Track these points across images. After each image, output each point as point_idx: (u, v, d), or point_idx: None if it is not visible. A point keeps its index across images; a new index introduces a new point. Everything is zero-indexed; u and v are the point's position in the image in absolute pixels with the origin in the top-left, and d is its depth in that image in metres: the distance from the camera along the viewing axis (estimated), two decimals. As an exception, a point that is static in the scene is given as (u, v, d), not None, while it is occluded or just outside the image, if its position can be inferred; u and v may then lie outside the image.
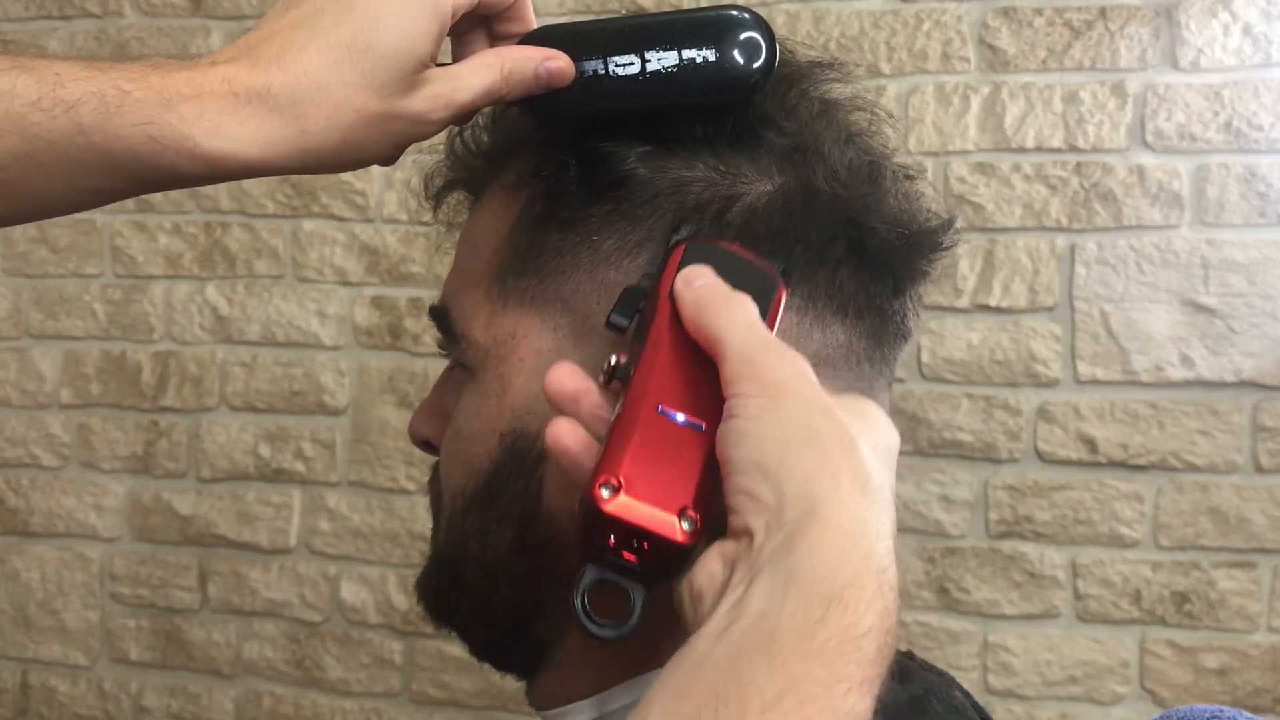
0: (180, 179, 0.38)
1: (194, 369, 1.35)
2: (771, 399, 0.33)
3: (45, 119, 0.35)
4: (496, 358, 0.44)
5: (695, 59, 0.42)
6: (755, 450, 0.32)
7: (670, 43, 0.42)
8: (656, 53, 0.42)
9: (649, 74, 0.42)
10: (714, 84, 0.42)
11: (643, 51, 0.42)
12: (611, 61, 0.42)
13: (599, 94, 0.43)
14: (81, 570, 1.37)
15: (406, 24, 0.39)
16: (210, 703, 1.33)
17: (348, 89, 0.38)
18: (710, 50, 0.42)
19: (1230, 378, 1.16)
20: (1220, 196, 1.17)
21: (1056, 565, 1.18)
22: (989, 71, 1.22)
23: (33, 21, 1.41)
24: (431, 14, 0.39)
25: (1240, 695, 1.15)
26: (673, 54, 0.42)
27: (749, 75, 0.42)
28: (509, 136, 0.48)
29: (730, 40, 0.42)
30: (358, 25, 0.38)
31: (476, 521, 0.44)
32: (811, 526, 0.30)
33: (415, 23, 0.39)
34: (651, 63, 0.42)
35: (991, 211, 1.21)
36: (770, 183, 0.43)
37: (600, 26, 0.44)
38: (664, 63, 0.42)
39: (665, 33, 0.42)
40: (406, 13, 0.39)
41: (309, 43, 0.38)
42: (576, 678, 0.44)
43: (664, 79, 0.42)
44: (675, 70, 0.42)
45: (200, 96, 0.36)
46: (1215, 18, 1.17)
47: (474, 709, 1.28)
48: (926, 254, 0.47)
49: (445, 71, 0.41)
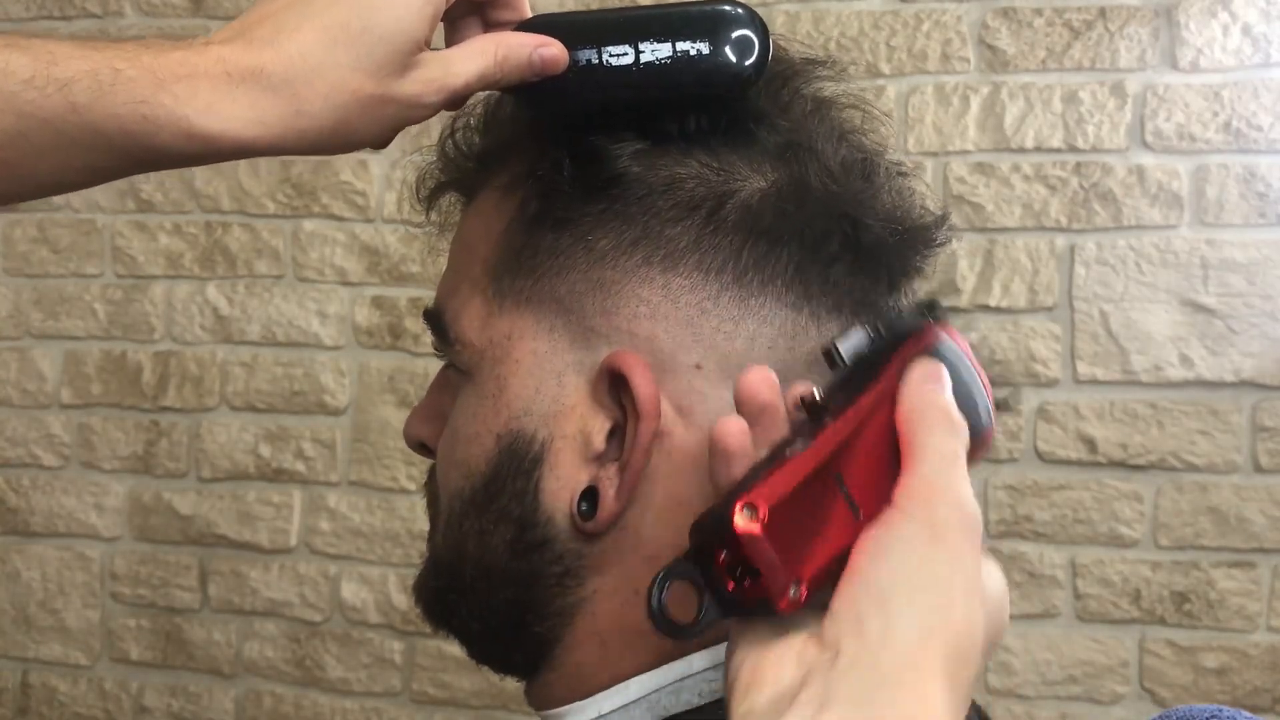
0: (175, 158, 0.38)
1: (194, 369, 1.35)
2: (930, 537, 0.31)
3: (39, 97, 0.35)
4: (492, 360, 0.44)
5: (689, 51, 0.42)
6: (887, 575, 0.31)
7: (664, 34, 0.42)
8: (650, 44, 0.42)
9: (642, 65, 0.42)
10: (707, 77, 0.42)
11: (637, 42, 0.42)
12: (605, 51, 0.43)
13: (592, 83, 0.43)
14: (82, 570, 1.38)
15: (401, 7, 0.39)
16: (211, 702, 1.34)
17: (342, 70, 0.38)
18: (704, 44, 0.42)
19: (1230, 378, 1.16)
20: (1220, 196, 1.17)
21: (1056, 565, 1.18)
22: (989, 72, 1.22)
23: (33, 22, 1.41)
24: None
25: (1239, 695, 1.15)
26: (666, 46, 0.42)
27: (741, 70, 0.42)
28: (501, 138, 0.48)
29: (724, 34, 0.42)
30: (353, 7, 0.38)
31: (474, 523, 0.44)
32: (900, 690, 0.29)
33: (410, 6, 0.39)
34: (645, 53, 0.42)
35: (991, 211, 1.21)
36: (764, 179, 0.43)
37: (595, 17, 0.44)
38: (657, 54, 0.42)
39: (659, 24, 0.42)
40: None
41: (304, 23, 0.38)
42: (575, 678, 0.44)
43: (657, 70, 0.42)
44: (668, 62, 0.42)
45: (194, 76, 0.36)
46: (1215, 18, 1.17)
47: (474, 708, 1.28)
48: (921, 250, 0.47)
49: (439, 56, 0.41)
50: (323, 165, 1.33)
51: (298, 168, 1.33)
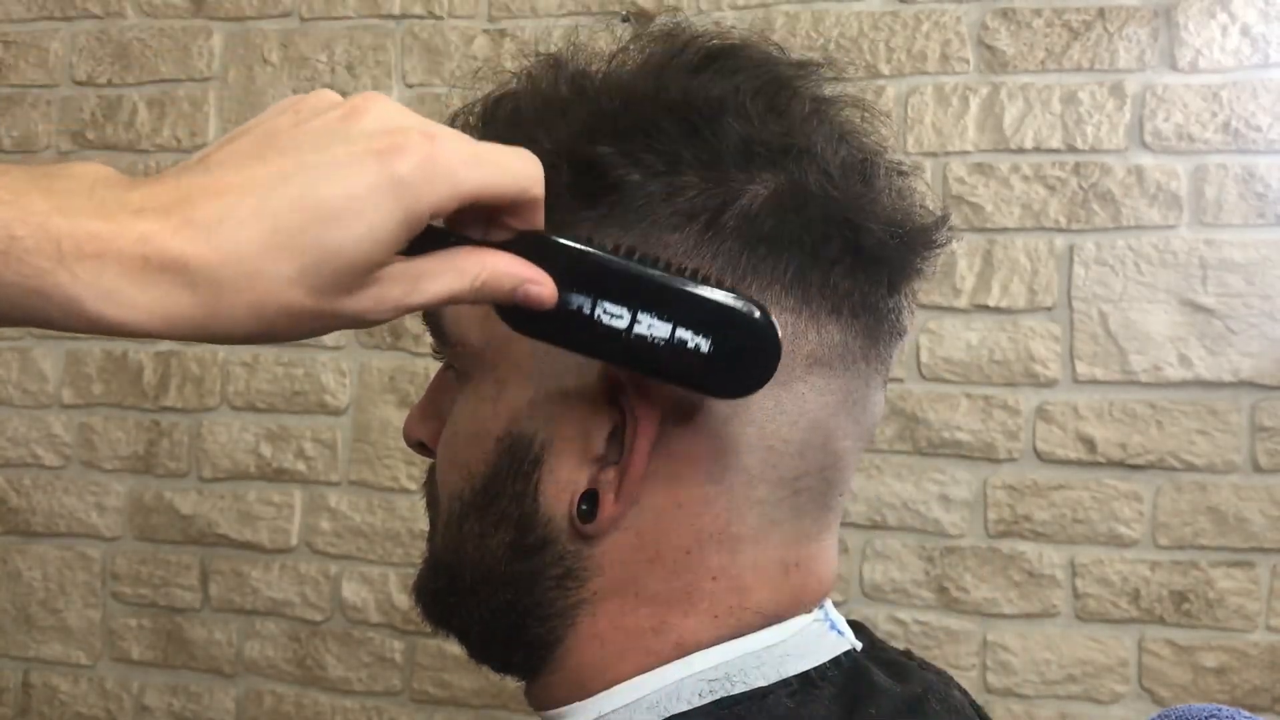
0: (62, 329, 0.33)
1: (195, 369, 1.36)
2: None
3: None
4: (491, 361, 0.44)
5: (687, 343, 0.38)
6: None
7: (669, 314, 0.38)
8: (651, 317, 0.37)
9: (634, 336, 0.38)
10: (693, 376, 0.38)
11: (638, 310, 0.37)
12: (601, 305, 0.38)
13: (573, 331, 0.38)
14: (83, 569, 1.38)
15: (367, 227, 0.32)
16: (211, 702, 1.34)
17: (279, 282, 0.32)
18: (706, 340, 0.38)
19: (1229, 377, 1.16)
20: (1218, 197, 1.17)
21: (1055, 564, 1.19)
22: (988, 72, 1.22)
23: (35, 22, 1.41)
24: (401, 219, 0.33)
25: (1239, 694, 1.15)
26: (666, 327, 0.37)
27: (734, 387, 0.38)
28: (500, 140, 0.48)
29: (732, 340, 0.38)
30: (314, 214, 0.32)
31: (474, 525, 0.45)
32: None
33: (381, 227, 0.33)
34: (641, 325, 0.37)
35: (990, 212, 1.21)
36: (764, 187, 0.43)
37: (603, 262, 0.38)
38: (654, 332, 0.37)
39: (669, 299, 0.38)
40: (372, 213, 0.32)
41: (252, 218, 0.32)
42: (576, 679, 0.45)
43: (647, 348, 0.38)
44: (661, 345, 0.37)
45: (104, 256, 0.31)
46: (1214, 18, 1.18)
47: (474, 708, 1.28)
48: (921, 252, 0.47)
49: (406, 270, 0.35)
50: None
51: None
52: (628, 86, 0.45)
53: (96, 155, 1.38)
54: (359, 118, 0.34)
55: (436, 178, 0.33)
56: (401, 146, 0.33)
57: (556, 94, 0.47)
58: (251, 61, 1.35)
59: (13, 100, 1.41)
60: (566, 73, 0.47)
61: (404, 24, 1.32)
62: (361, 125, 0.34)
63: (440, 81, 1.31)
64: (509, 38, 1.30)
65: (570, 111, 0.45)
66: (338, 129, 0.34)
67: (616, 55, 0.48)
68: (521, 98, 0.48)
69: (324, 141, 0.33)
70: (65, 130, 1.40)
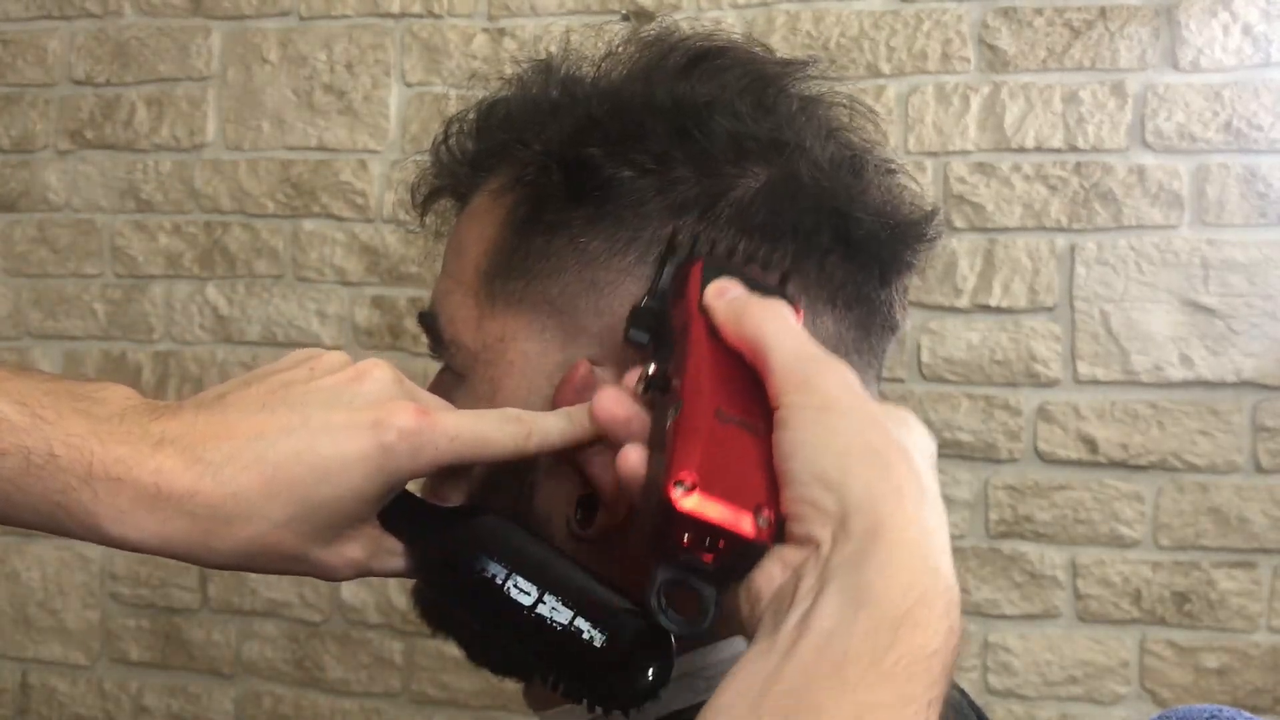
0: (72, 538, 0.37)
1: (194, 369, 1.35)
2: (823, 410, 0.32)
3: None
4: (486, 361, 0.44)
5: (582, 634, 0.37)
6: (813, 462, 0.32)
7: (574, 603, 0.37)
8: (555, 602, 0.37)
9: (535, 615, 0.37)
10: (583, 670, 0.37)
11: (544, 591, 0.38)
12: (514, 579, 0.38)
13: (479, 598, 0.39)
14: (81, 570, 1.38)
15: (351, 486, 0.37)
16: (210, 703, 1.34)
17: (270, 524, 0.36)
18: (601, 635, 0.37)
19: (1230, 378, 1.16)
20: (1220, 196, 1.17)
21: (1056, 565, 1.18)
22: (989, 71, 1.21)
23: (33, 21, 1.41)
24: (383, 483, 0.37)
25: (1240, 695, 1.15)
26: (567, 614, 0.37)
27: (617, 695, 0.37)
28: (493, 143, 0.48)
29: (627, 643, 0.37)
30: (310, 467, 0.36)
31: (472, 528, 0.45)
32: (880, 542, 0.30)
33: (364, 487, 0.37)
34: (544, 607, 0.37)
35: (991, 211, 1.21)
36: (755, 178, 0.43)
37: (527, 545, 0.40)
38: (555, 616, 0.37)
39: (577, 591, 0.38)
40: (359, 474, 0.37)
41: (256, 465, 0.36)
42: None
43: (545, 628, 0.37)
44: (559, 630, 0.37)
45: (123, 481, 0.35)
46: (1215, 18, 1.17)
47: (474, 709, 1.28)
48: (912, 244, 0.47)
49: (373, 541, 0.39)
50: (322, 165, 1.33)
51: (297, 168, 1.33)
52: (617, 91, 0.46)
53: (95, 154, 1.38)
54: (362, 382, 0.38)
55: (421, 450, 0.37)
56: (394, 417, 0.37)
57: (547, 98, 0.47)
58: (250, 60, 1.35)
59: (11, 99, 1.41)
60: (557, 77, 0.48)
61: (403, 23, 1.32)
62: (364, 390, 0.38)
63: (439, 80, 1.31)
64: (508, 36, 1.30)
65: (561, 115, 0.46)
66: (343, 391, 0.38)
67: (605, 59, 0.48)
68: (513, 102, 0.49)
69: (329, 401, 0.37)
70: (63, 129, 1.39)
